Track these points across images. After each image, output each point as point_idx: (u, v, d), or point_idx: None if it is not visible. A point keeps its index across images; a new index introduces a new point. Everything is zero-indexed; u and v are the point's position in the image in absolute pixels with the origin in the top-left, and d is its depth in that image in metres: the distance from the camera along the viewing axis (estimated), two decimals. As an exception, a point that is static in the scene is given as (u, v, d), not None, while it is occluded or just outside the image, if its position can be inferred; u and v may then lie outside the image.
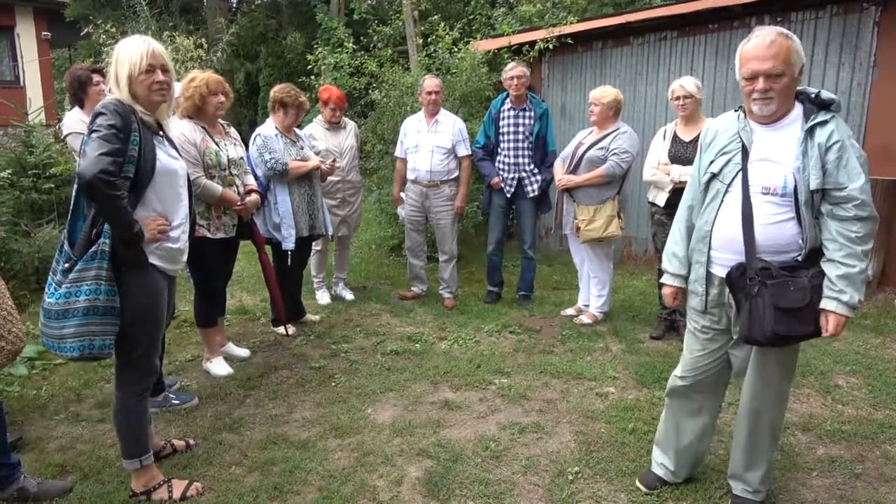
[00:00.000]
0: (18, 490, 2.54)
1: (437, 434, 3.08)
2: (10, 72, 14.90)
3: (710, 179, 2.28)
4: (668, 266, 2.50)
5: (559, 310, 5.03)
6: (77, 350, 2.28)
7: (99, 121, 2.26)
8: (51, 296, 2.29)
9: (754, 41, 2.12)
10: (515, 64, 5.00)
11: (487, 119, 5.12)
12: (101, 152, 2.19)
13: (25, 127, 6.18)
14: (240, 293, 5.51)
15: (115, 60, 2.39)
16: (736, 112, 2.31)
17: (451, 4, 11.86)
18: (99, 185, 2.17)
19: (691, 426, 2.54)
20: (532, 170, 4.96)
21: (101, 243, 2.26)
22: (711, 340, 2.41)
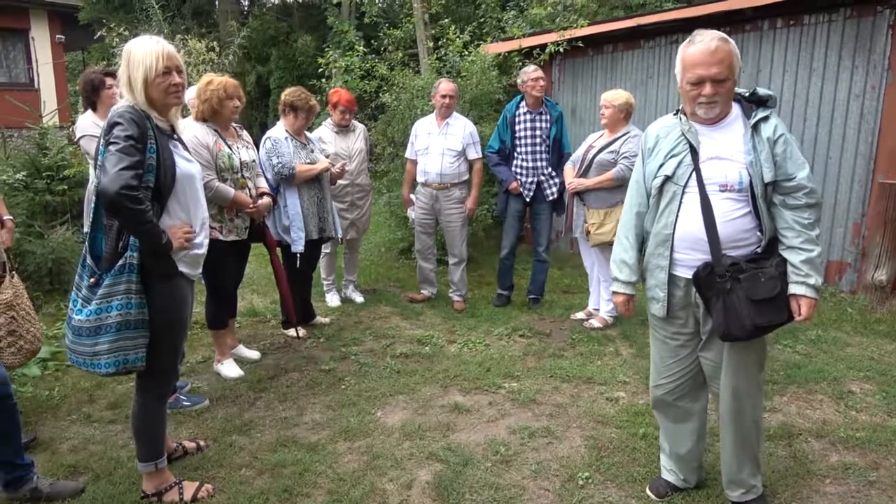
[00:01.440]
0: (31, 490, 2.56)
1: (447, 438, 3.08)
2: (24, 74, 15.05)
3: (663, 183, 2.30)
4: (619, 274, 2.50)
5: (569, 313, 5.01)
6: (112, 366, 2.28)
7: (116, 131, 2.22)
8: (78, 312, 2.27)
9: (698, 46, 2.16)
10: (535, 66, 5.00)
11: (502, 123, 5.10)
12: (121, 167, 2.15)
13: (40, 129, 6.23)
14: (250, 295, 5.53)
15: (128, 62, 2.34)
16: (676, 115, 2.36)
17: (462, 7, 11.87)
18: (122, 200, 2.13)
19: (685, 432, 2.54)
20: (550, 173, 4.95)
21: (129, 256, 2.25)
22: (682, 347, 2.42)
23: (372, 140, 6.87)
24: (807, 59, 5.37)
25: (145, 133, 2.27)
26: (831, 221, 5.36)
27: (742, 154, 2.18)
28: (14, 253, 3.51)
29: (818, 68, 5.31)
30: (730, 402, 2.33)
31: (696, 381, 2.46)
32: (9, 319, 2.99)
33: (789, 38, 5.46)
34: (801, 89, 5.43)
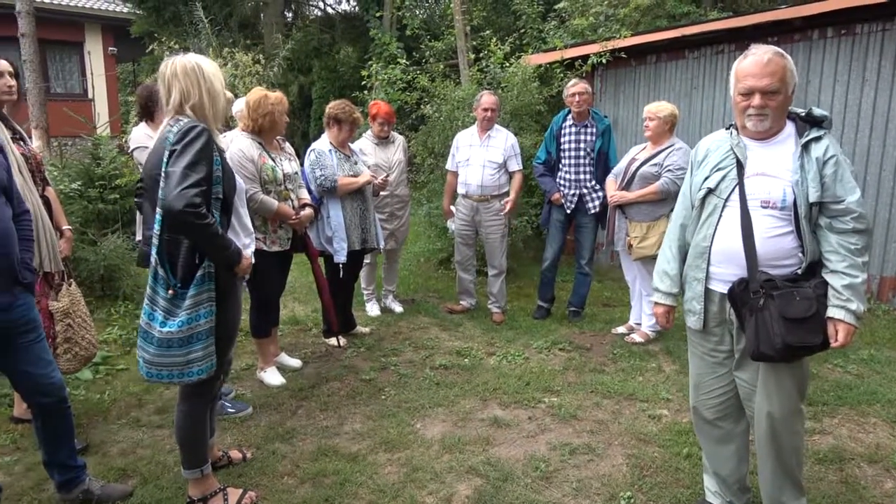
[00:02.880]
0: (83, 492, 2.64)
1: (487, 452, 3.07)
2: (79, 85, 15.65)
3: (706, 195, 2.28)
4: (660, 285, 2.48)
5: (610, 327, 4.96)
6: (204, 371, 2.36)
7: (186, 144, 2.25)
8: (163, 325, 2.31)
9: (751, 58, 2.16)
10: (577, 80, 4.99)
11: (549, 135, 5.11)
12: (185, 185, 2.19)
13: (94, 139, 6.45)
14: (292, 304, 5.61)
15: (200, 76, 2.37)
16: (727, 129, 2.35)
17: (502, 18, 11.90)
18: (187, 218, 2.18)
19: (726, 453, 2.47)
20: (593, 186, 4.92)
21: (206, 266, 2.33)
22: (720, 364, 2.37)
23: (412, 151, 6.93)
24: (859, 70, 5.23)
25: (213, 148, 2.35)
26: (886, 237, 5.19)
27: (789, 172, 2.15)
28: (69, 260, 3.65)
29: (871, 79, 5.16)
30: (765, 428, 2.25)
31: (738, 402, 2.40)
32: (65, 327, 3.10)
33: (840, 48, 5.33)
34: (853, 100, 5.28)
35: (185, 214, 2.18)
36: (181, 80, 2.37)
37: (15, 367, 2.47)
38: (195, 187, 2.21)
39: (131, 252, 5.33)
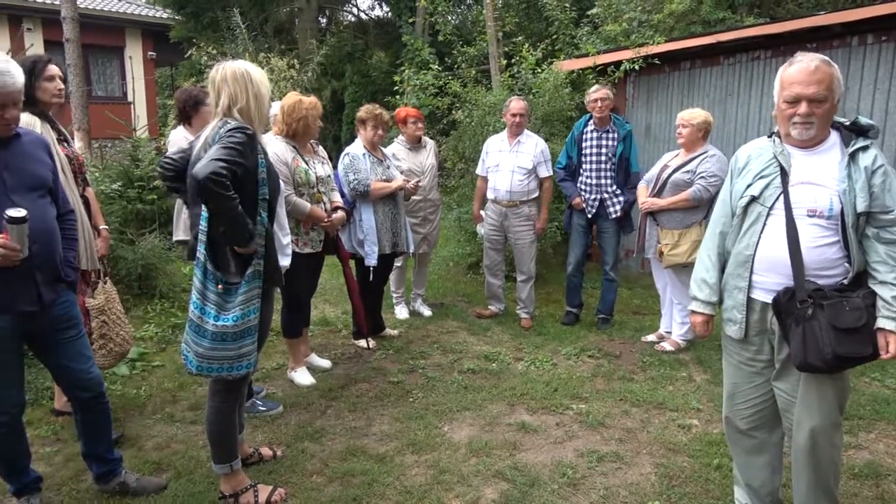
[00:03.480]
0: (120, 484, 2.72)
1: (514, 457, 3.08)
2: (119, 89, 16.08)
3: (748, 203, 2.25)
4: (699, 293, 2.44)
5: (640, 335, 4.91)
6: (252, 366, 2.46)
7: (231, 134, 2.36)
8: (216, 319, 2.38)
9: (798, 66, 2.14)
10: (599, 86, 5.00)
11: (570, 140, 5.12)
12: (216, 158, 2.27)
13: (133, 141, 6.63)
14: (322, 305, 5.68)
15: (248, 83, 2.45)
16: (770, 137, 2.31)
17: (534, 24, 11.89)
18: (209, 185, 2.23)
19: (759, 464, 2.43)
20: (614, 191, 4.91)
21: (256, 263, 2.41)
22: (758, 374, 2.33)
23: (442, 156, 6.97)
24: (901, 77, 5.11)
25: (256, 149, 2.44)
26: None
27: (835, 181, 2.12)
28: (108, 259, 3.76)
29: (845, 91, 5.04)
30: (804, 441, 2.21)
31: (773, 411, 2.36)
32: (101, 323, 3.19)
33: (881, 54, 5.21)
34: (894, 108, 5.16)
35: (209, 181, 2.22)
36: (230, 85, 2.47)
37: (56, 362, 2.55)
38: (225, 163, 2.26)
39: (167, 252, 5.46)
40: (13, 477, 2.54)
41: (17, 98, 2.25)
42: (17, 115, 2.28)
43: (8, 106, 2.21)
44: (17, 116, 2.28)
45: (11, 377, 2.41)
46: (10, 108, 2.23)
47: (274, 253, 2.54)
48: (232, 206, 2.31)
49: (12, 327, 2.32)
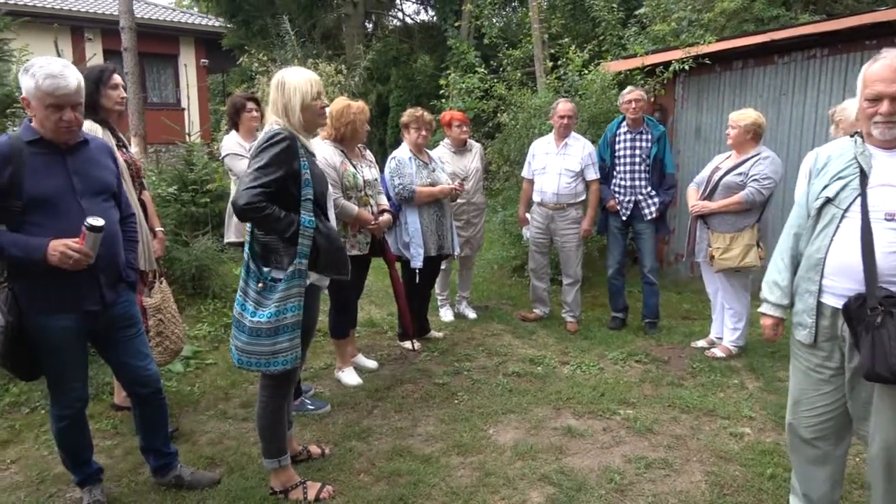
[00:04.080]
0: (175, 477, 2.81)
1: (560, 461, 3.06)
2: (173, 95, 16.62)
3: (823, 205, 2.17)
4: (770, 296, 2.37)
5: (689, 340, 4.82)
6: (290, 362, 2.50)
7: (265, 148, 2.44)
8: (254, 315, 2.48)
9: (881, 63, 2.05)
10: (633, 88, 5.01)
11: (603, 142, 5.12)
12: (250, 185, 2.39)
13: (187, 146, 6.84)
14: (368, 306, 5.75)
15: (283, 89, 2.55)
16: (852, 137, 2.22)
17: (580, 25, 11.79)
18: (248, 213, 2.41)
19: (821, 475, 2.35)
20: (649, 192, 4.86)
21: (297, 263, 2.47)
22: (826, 382, 2.24)
23: (487, 158, 6.98)
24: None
25: (296, 153, 2.49)
26: None
27: None
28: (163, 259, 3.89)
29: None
30: (881, 454, 2.12)
31: (839, 422, 2.28)
32: (157, 322, 3.29)
33: (948, 51, 4.99)
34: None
35: (245, 211, 2.40)
36: (273, 92, 2.59)
37: (117, 359, 2.66)
38: (259, 187, 2.39)
39: (220, 253, 5.61)
40: (77, 468, 2.65)
41: (74, 101, 2.30)
42: (74, 119, 2.33)
43: (65, 108, 2.28)
44: (73, 119, 2.32)
45: (76, 373, 2.52)
46: (66, 110, 2.29)
47: (331, 246, 2.57)
48: (272, 221, 2.43)
49: (77, 326, 2.43)
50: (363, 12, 16.52)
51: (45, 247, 2.24)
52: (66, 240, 2.26)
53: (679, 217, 6.38)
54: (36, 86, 2.24)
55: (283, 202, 2.47)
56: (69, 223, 2.29)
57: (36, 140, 2.33)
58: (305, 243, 2.48)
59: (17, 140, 2.32)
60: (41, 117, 2.30)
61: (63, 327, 2.39)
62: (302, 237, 2.47)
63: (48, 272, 2.27)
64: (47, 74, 2.24)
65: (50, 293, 2.34)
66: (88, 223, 2.24)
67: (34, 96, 2.27)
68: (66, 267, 2.26)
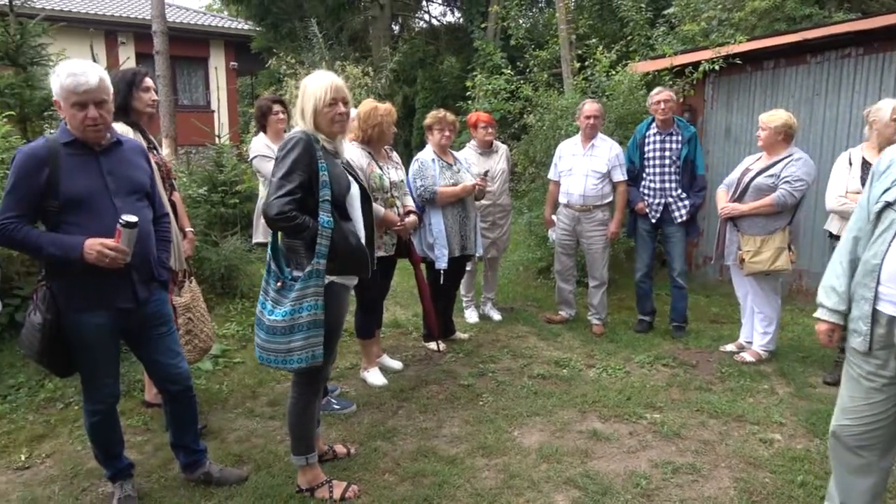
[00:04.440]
0: (204, 474, 2.85)
1: (585, 464, 3.04)
2: (203, 98, 16.89)
3: (882, 209, 2.11)
4: (826, 300, 2.31)
5: (718, 345, 4.75)
6: (304, 361, 2.52)
7: (284, 154, 2.51)
8: (271, 313, 2.53)
9: None
10: (662, 88, 4.94)
11: (632, 145, 5.06)
12: (279, 195, 2.44)
13: (217, 148, 6.95)
14: (393, 307, 5.77)
15: (303, 94, 2.62)
16: None
17: (607, 25, 11.69)
18: (278, 223, 2.47)
19: (862, 485, 2.28)
20: (679, 195, 4.79)
21: (315, 263, 2.49)
22: (878, 391, 2.17)
23: (513, 160, 6.96)
24: None
25: (314, 153, 2.52)
26: None
27: None
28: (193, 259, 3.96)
29: None
30: None
31: (888, 433, 2.20)
32: (186, 320, 3.34)
33: None
34: None
35: (276, 220, 2.46)
36: (299, 95, 2.64)
37: (148, 356, 2.71)
38: (287, 195, 2.44)
39: (248, 253, 5.68)
40: (108, 462, 2.70)
41: (97, 97, 2.34)
42: (99, 116, 2.36)
43: (88, 105, 2.33)
44: (97, 117, 2.35)
45: (109, 370, 2.58)
46: (90, 107, 2.33)
47: (348, 247, 2.58)
48: (302, 228, 2.48)
49: (111, 323, 2.48)
50: (390, 14, 16.62)
51: (82, 245, 2.30)
52: (102, 238, 2.31)
53: (708, 219, 6.29)
54: (60, 85, 2.31)
55: (307, 204, 2.51)
56: (103, 222, 2.35)
57: (71, 141, 2.40)
58: (323, 243, 2.50)
59: (54, 142, 2.38)
60: (69, 117, 2.36)
61: (97, 325, 2.45)
62: (320, 237, 2.49)
63: (84, 271, 2.33)
64: (69, 73, 2.30)
65: (86, 291, 2.40)
66: (123, 220, 2.30)
67: (60, 96, 2.33)
68: (103, 265, 2.31)
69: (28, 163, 2.33)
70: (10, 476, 2.95)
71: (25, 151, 2.38)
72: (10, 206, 2.33)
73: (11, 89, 4.78)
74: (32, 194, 2.33)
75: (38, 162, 2.33)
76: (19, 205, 2.33)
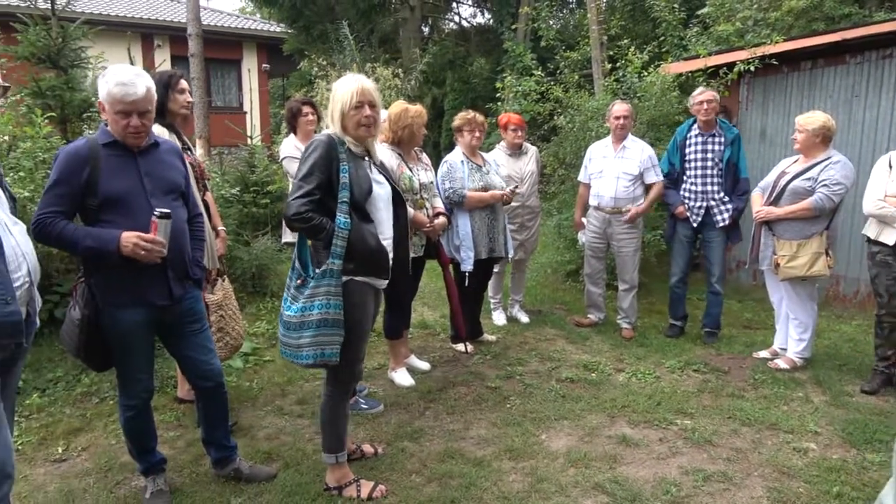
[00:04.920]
0: (234, 470, 2.89)
1: (614, 470, 3.00)
2: (235, 99, 17.15)
3: None
4: None
5: (750, 351, 4.66)
6: (312, 358, 2.56)
7: (305, 157, 2.57)
8: (288, 309, 2.60)
9: None
10: (704, 88, 4.82)
11: (672, 146, 4.96)
12: (296, 196, 2.51)
13: (249, 149, 7.05)
14: (421, 308, 5.78)
15: (332, 97, 2.66)
16: None
17: (639, 26, 11.57)
18: (294, 223, 2.52)
19: None
20: (721, 198, 4.69)
21: (330, 263, 2.52)
22: None
23: (542, 161, 6.92)
24: None
25: (335, 157, 2.56)
26: None
27: None
28: (225, 258, 4.02)
29: None
30: None
31: None
32: (218, 318, 3.39)
33: None
34: None
35: (293, 220, 2.52)
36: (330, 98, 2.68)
37: (182, 353, 2.75)
38: (305, 196, 2.50)
39: (278, 253, 5.75)
40: (141, 457, 2.76)
41: (142, 108, 2.42)
42: (141, 125, 2.43)
43: (132, 115, 2.40)
44: (139, 126, 2.43)
45: (143, 365, 2.63)
46: (133, 116, 2.41)
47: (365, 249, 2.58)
48: (318, 231, 2.52)
49: (146, 319, 2.53)
50: (420, 16, 16.67)
51: (118, 238, 2.35)
52: (139, 232, 2.36)
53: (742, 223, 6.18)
54: (108, 91, 2.38)
55: (327, 205, 2.56)
56: (139, 221, 2.40)
57: (111, 143, 2.46)
58: (339, 244, 2.53)
59: (95, 142, 2.45)
60: (111, 122, 2.44)
61: (133, 320, 2.50)
62: (336, 238, 2.53)
63: (121, 266, 2.38)
64: (118, 82, 2.37)
65: (122, 287, 2.46)
66: (158, 211, 2.36)
67: (106, 101, 2.40)
68: (139, 258, 2.36)
69: (70, 161, 2.40)
70: (49, 468, 3.02)
71: (68, 150, 2.45)
72: (51, 201, 2.40)
73: (53, 91, 4.91)
74: (73, 192, 2.40)
75: (80, 161, 2.40)
76: (60, 201, 2.40)
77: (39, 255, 2.21)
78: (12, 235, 2.04)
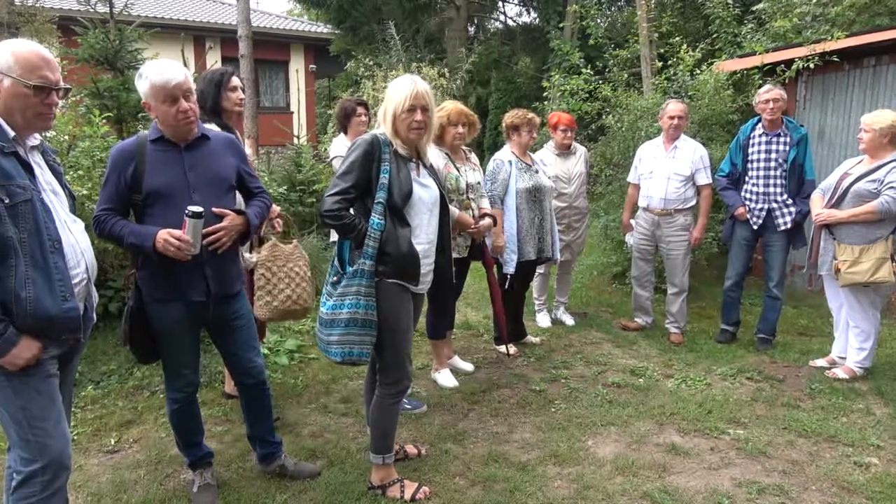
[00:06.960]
0: (279, 466, 2.92)
1: (663, 479, 2.92)
2: (283, 99, 17.45)
3: None
4: None
5: (807, 359, 4.48)
6: (339, 355, 2.60)
7: (347, 155, 2.61)
8: (323, 305, 2.64)
9: None
10: (771, 86, 4.62)
11: (734, 146, 4.78)
12: (331, 193, 2.55)
13: (296, 148, 7.14)
14: (464, 308, 5.75)
15: (386, 97, 2.66)
16: None
17: (690, 23, 11.29)
18: (327, 219, 2.58)
19: None
20: (784, 200, 4.51)
21: (361, 262, 2.54)
22: None
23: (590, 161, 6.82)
24: None
25: (375, 158, 2.57)
26: None
27: None
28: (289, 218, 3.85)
29: None
30: None
31: None
32: (260, 276, 3.22)
33: None
34: None
35: (325, 217, 2.58)
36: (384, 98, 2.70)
37: (226, 349, 2.78)
38: (339, 195, 2.55)
39: (324, 251, 5.80)
40: (188, 450, 2.80)
41: (185, 88, 2.43)
42: (189, 108, 2.44)
43: (179, 99, 2.42)
44: (189, 109, 2.44)
45: (185, 360, 2.66)
46: (181, 100, 2.42)
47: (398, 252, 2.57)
48: (349, 229, 2.55)
49: (186, 315, 2.56)
50: (466, 16, 16.65)
51: (154, 235, 2.38)
52: (171, 229, 2.39)
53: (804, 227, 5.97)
54: (150, 84, 2.40)
55: (366, 205, 2.59)
56: (182, 216, 2.39)
57: (158, 138, 2.51)
58: (371, 245, 2.54)
59: (143, 139, 2.52)
60: (161, 114, 2.45)
61: (173, 315, 2.54)
62: (368, 238, 2.54)
63: (161, 261, 2.42)
64: (157, 72, 2.41)
65: (161, 282, 2.50)
66: (189, 210, 2.36)
67: (151, 95, 2.42)
68: (169, 255, 2.38)
69: (117, 158, 2.48)
70: (101, 459, 3.11)
71: (117, 148, 2.53)
72: (104, 199, 2.48)
73: (110, 92, 5.07)
74: (121, 188, 2.46)
75: (125, 157, 2.46)
76: (111, 198, 2.47)
77: (95, 251, 2.25)
78: (71, 233, 2.09)
